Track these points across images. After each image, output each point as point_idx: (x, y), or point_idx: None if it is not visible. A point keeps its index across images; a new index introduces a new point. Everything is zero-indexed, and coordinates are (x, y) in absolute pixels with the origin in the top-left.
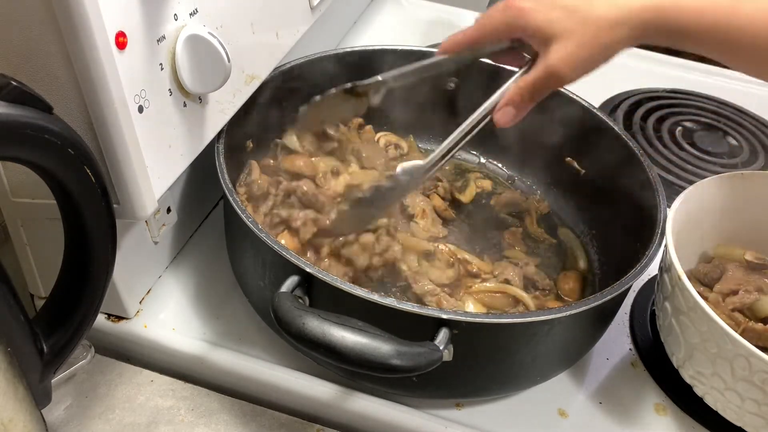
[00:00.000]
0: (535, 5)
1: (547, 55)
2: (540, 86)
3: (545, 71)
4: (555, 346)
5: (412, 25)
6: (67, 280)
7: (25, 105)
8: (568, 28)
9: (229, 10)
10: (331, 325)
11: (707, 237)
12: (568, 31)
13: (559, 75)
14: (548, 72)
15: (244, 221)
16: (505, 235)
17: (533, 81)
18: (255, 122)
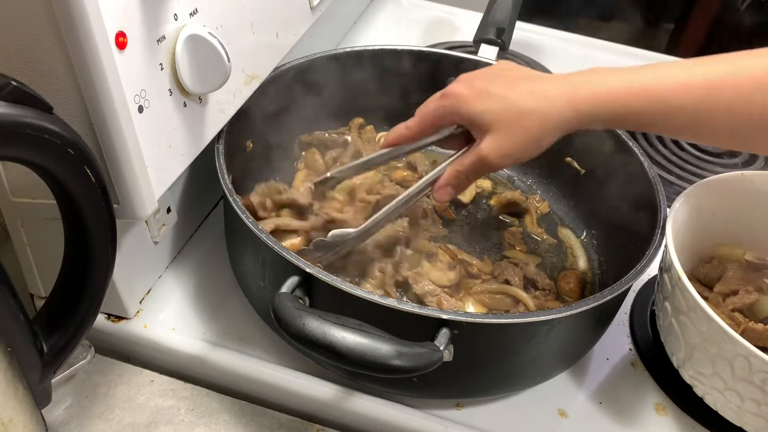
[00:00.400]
0: (471, 93)
1: (480, 143)
2: (473, 171)
3: (477, 158)
4: (555, 346)
5: (412, 25)
6: (67, 280)
7: (25, 105)
8: (500, 119)
9: (229, 10)
10: (331, 325)
11: (707, 237)
12: (500, 122)
13: (489, 163)
14: (480, 159)
15: (244, 221)
16: (505, 235)
17: (467, 166)
18: (255, 122)
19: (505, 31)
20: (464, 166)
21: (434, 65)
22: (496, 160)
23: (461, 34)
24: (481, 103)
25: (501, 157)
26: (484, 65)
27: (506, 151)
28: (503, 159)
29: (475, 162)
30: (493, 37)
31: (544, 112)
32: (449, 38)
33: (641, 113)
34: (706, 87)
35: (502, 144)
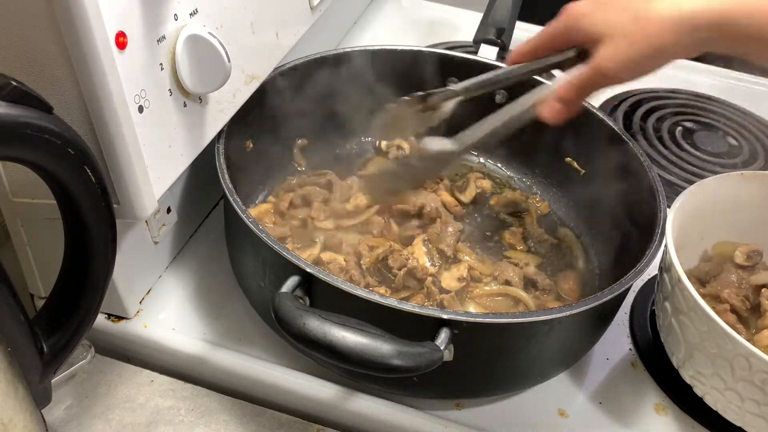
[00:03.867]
0: (592, 8)
1: (597, 53)
2: (586, 83)
3: (592, 68)
4: (555, 346)
5: (412, 25)
6: (67, 280)
7: (25, 105)
8: (621, 28)
9: (229, 10)
10: (331, 325)
11: (707, 237)
12: (621, 30)
13: (605, 72)
14: (595, 69)
15: (245, 221)
16: (505, 235)
17: (583, 77)
18: (255, 122)
19: (505, 31)
20: (579, 78)
21: (434, 65)
22: (613, 67)
23: (461, 34)
24: (601, 14)
25: (618, 63)
26: (484, 66)
27: (624, 56)
28: (620, 66)
29: (588, 74)
30: (493, 38)
31: (668, 16)
32: (449, 38)
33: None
34: None
35: (620, 50)
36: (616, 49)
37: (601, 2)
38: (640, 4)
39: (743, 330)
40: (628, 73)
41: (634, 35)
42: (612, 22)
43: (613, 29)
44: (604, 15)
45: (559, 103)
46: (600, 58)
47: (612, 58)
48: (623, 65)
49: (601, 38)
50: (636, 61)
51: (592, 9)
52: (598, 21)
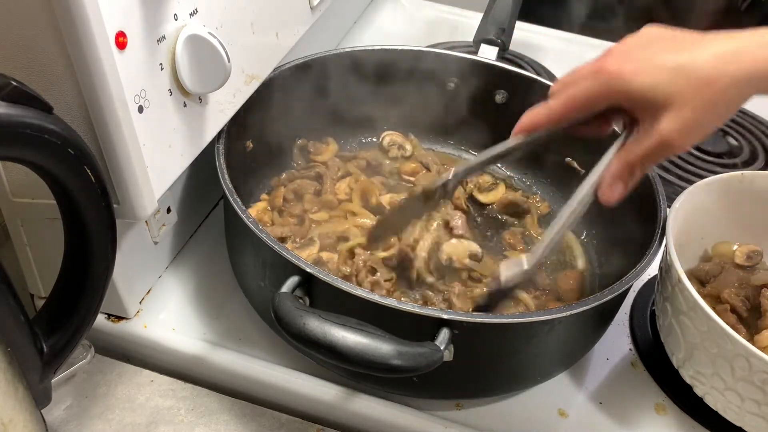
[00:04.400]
0: (635, 66)
1: (659, 124)
2: (652, 158)
3: (659, 142)
4: (555, 346)
5: (412, 25)
6: (67, 280)
7: (25, 105)
8: (680, 93)
9: (229, 10)
10: (331, 325)
11: (707, 237)
12: (681, 95)
13: (673, 146)
14: (662, 143)
15: (244, 221)
16: (505, 235)
17: (644, 153)
18: (255, 122)
19: (505, 31)
20: (639, 155)
21: (434, 65)
22: (683, 141)
23: (461, 34)
24: (650, 76)
25: (688, 135)
26: (484, 65)
27: (693, 128)
28: (692, 137)
29: (654, 148)
30: (493, 37)
31: (732, 77)
32: (449, 38)
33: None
34: None
35: (687, 120)
36: (684, 119)
37: (646, 60)
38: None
39: (743, 330)
40: (698, 140)
41: (699, 102)
42: (667, 87)
43: (672, 95)
44: (653, 77)
45: (623, 183)
46: (666, 131)
47: (681, 129)
48: (693, 135)
49: (657, 105)
50: (706, 127)
51: (635, 68)
52: (648, 84)
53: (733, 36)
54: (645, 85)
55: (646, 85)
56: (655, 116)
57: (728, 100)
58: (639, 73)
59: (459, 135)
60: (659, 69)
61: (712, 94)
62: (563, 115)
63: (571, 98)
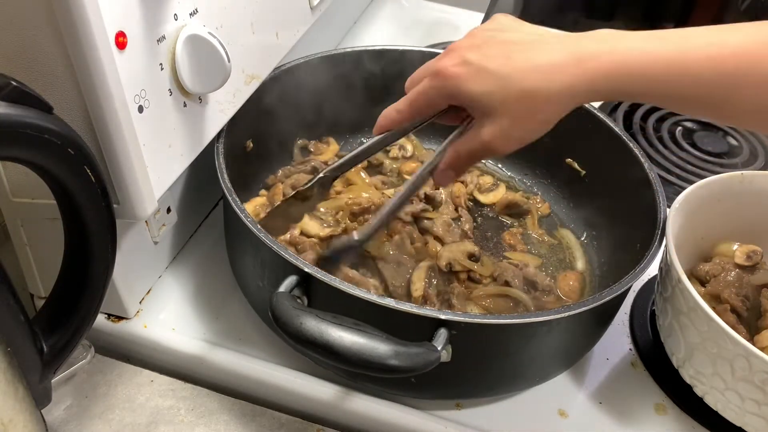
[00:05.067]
0: (465, 71)
1: (482, 128)
2: (474, 155)
3: (480, 145)
4: (555, 346)
5: (412, 25)
6: (67, 280)
7: (25, 105)
8: (503, 103)
9: (229, 10)
10: (328, 325)
11: (707, 237)
12: (502, 105)
13: (493, 150)
14: (483, 146)
15: (244, 221)
16: (505, 235)
17: (468, 150)
18: (255, 122)
19: None
20: (465, 151)
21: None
22: (500, 145)
23: (461, 34)
24: (478, 84)
25: (505, 142)
26: None
27: (511, 135)
28: (507, 144)
29: (476, 147)
30: None
31: (551, 91)
32: (449, 38)
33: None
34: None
35: (505, 129)
36: (502, 128)
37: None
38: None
39: (743, 330)
40: (516, 146)
41: (517, 114)
42: (494, 97)
43: (496, 105)
44: (482, 84)
45: (452, 170)
46: (487, 135)
47: (499, 136)
48: (510, 143)
49: (483, 111)
50: (523, 138)
51: (467, 74)
52: (477, 91)
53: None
54: (473, 91)
55: (475, 92)
56: (481, 120)
57: (547, 111)
58: (469, 79)
59: None
60: (487, 77)
61: (532, 105)
62: (410, 114)
63: (414, 100)
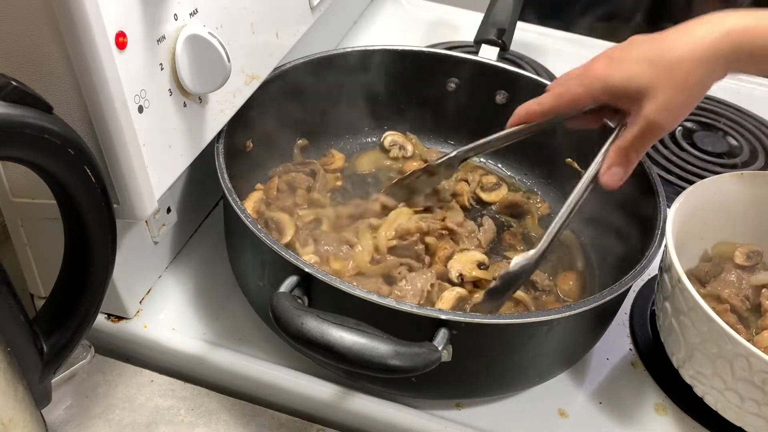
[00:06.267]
0: (611, 65)
1: (642, 110)
2: (642, 141)
3: (646, 125)
4: (554, 346)
5: (412, 25)
6: (67, 280)
7: (25, 105)
8: (655, 78)
9: (229, 10)
10: (329, 325)
11: (707, 237)
12: (656, 80)
13: (660, 126)
14: (649, 126)
15: (244, 221)
16: (505, 235)
17: (634, 138)
18: (255, 122)
19: (506, 32)
20: (630, 140)
21: (434, 65)
22: (668, 119)
23: (461, 34)
24: (626, 70)
25: (671, 114)
26: (485, 65)
27: (673, 106)
28: (674, 116)
29: (642, 132)
30: (494, 38)
31: (699, 55)
32: (449, 38)
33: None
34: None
35: (667, 100)
36: (662, 100)
37: (621, 59)
38: (656, 51)
39: (743, 330)
40: (682, 118)
41: (672, 83)
42: (643, 76)
43: (649, 82)
44: (629, 71)
45: (620, 168)
46: (650, 113)
47: (661, 110)
48: (674, 114)
49: (638, 94)
50: (684, 105)
51: (609, 68)
52: (626, 77)
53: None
54: (623, 78)
55: (624, 78)
56: (639, 104)
57: (698, 78)
58: (616, 70)
59: (459, 136)
60: (633, 62)
61: (683, 74)
62: (552, 109)
63: (559, 96)
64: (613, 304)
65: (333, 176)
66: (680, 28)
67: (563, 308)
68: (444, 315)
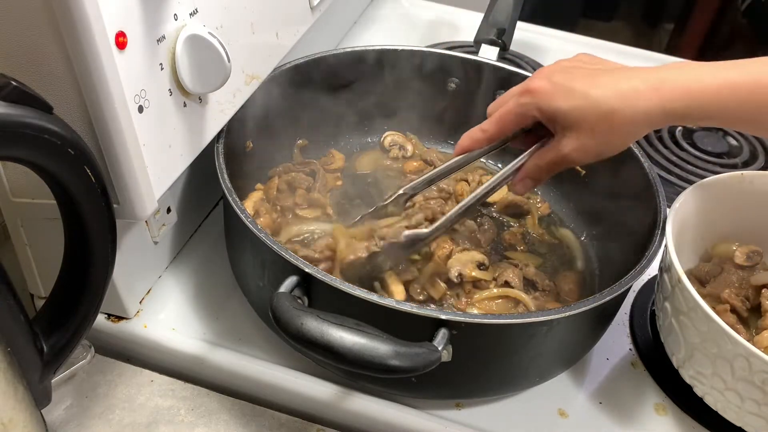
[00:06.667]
0: (552, 89)
1: (562, 142)
2: (554, 167)
3: (559, 156)
4: (554, 346)
5: (412, 25)
6: (67, 280)
7: (25, 105)
8: (584, 119)
9: (229, 10)
10: (329, 325)
11: (707, 237)
12: (584, 121)
13: (571, 161)
14: (561, 157)
15: (244, 221)
16: (505, 236)
17: (548, 162)
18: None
19: (506, 32)
20: (545, 162)
21: (434, 65)
22: (579, 158)
23: (461, 34)
24: (564, 101)
25: (583, 155)
26: (484, 66)
27: (589, 149)
28: (585, 157)
29: (556, 159)
30: (494, 38)
31: (630, 112)
32: (449, 38)
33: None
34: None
35: (585, 143)
36: (581, 141)
37: (562, 86)
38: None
39: (743, 330)
40: (593, 159)
41: (601, 129)
42: (578, 113)
43: (578, 120)
44: (567, 101)
45: (531, 180)
46: (566, 148)
47: (578, 149)
48: (588, 156)
49: (564, 125)
50: (601, 150)
51: (555, 91)
52: (563, 107)
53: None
54: (560, 108)
55: (562, 107)
56: (562, 134)
57: (625, 131)
58: (557, 95)
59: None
60: (574, 95)
61: (611, 125)
62: (496, 133)
63: (501, 117)
64: (613, 304)
65: (333, 176)
66: (616, 74)
67: (563, 308)
68: (444, 315)
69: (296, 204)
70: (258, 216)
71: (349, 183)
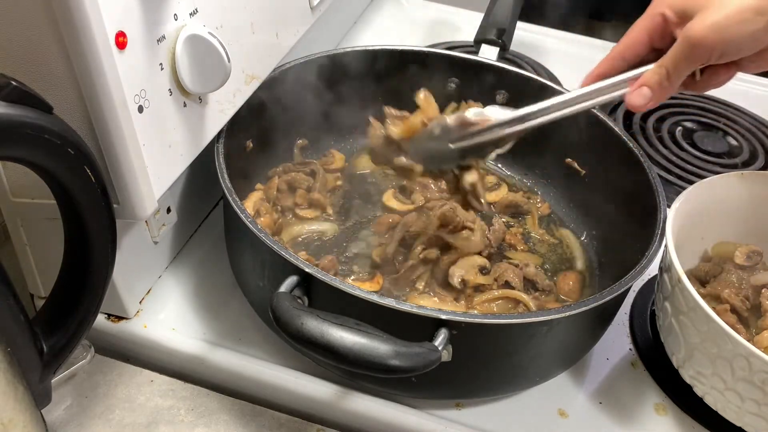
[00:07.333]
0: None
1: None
2: (681, 61)
3: (686, 42)
4: (554, 346)
5: (412, 25)
6: (67, 280)
7: (25, 105)
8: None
9: (229, 10)
10: (329, 325)
11: (707, 237)
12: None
13: (699, 41)
14: (686, 40)
15: (244, 221)
16: (505, 236)
17: (672, 56)
18: (255, 122)
19: (506, 32)
20: (668, 60)
21: (434, 65)
22: (700, 31)
23: (462, 34)
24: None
25: (705, 27)
26: (485, 65)
27: (711, 20)
28: (716, 32)
29: (682, 46)
30: (494, 38)
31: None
32: (449, 38)
33: None
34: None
35: (714, 16)
36: (709, 15)
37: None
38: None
39: (743, 330)
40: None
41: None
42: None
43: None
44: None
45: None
46: (691, 28)
47: (700, 23)
48: (710, 29)
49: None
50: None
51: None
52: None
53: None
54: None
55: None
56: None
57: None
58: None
59: None
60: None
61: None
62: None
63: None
64: (613, 304)
65: (333, 176)
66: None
67: (563, 308)
68: (444, 315)
69: (296, 204)
70: (258, 216)
71: (349, 183)
